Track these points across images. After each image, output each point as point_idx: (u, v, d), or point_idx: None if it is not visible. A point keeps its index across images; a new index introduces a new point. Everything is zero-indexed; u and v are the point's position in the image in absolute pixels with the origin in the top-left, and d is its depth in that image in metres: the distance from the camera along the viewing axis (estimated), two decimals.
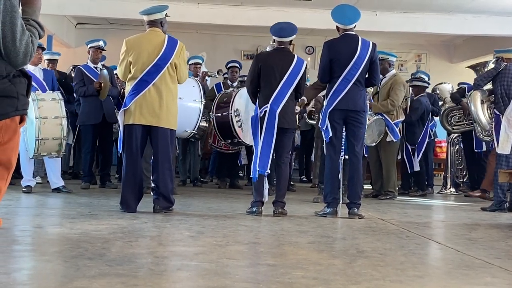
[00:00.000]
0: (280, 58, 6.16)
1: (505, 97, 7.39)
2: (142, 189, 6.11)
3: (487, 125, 8.04)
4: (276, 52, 6.26)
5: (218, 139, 8.93)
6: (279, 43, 6.25)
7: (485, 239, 5.09)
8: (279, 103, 6.05)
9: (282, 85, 6.07)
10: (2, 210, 5.57)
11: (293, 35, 6.24)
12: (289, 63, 6.12)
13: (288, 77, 6.09)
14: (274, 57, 6.20)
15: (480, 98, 7.93)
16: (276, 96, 6.06)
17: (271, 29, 6.28)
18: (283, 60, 6.14)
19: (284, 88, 6.08)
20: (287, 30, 6.23)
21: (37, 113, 6.92)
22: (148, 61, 5.87)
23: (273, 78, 6.09)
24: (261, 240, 4.67)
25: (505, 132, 7.14)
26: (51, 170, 7.64)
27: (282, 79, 6.08)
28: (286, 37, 6.22)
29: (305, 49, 15.25)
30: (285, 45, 6.26)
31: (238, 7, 12.13)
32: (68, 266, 3.35)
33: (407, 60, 15.72)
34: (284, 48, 6.26)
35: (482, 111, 7.92)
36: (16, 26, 2.11)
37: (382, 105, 8.41)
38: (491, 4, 11.47)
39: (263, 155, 6.00)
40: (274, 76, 6.09)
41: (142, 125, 5.88)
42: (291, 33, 6.22)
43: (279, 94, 6.06)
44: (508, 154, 7.14)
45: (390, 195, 8.54)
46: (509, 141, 7.15)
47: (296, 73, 6.12)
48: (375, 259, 3.87)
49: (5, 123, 2.16)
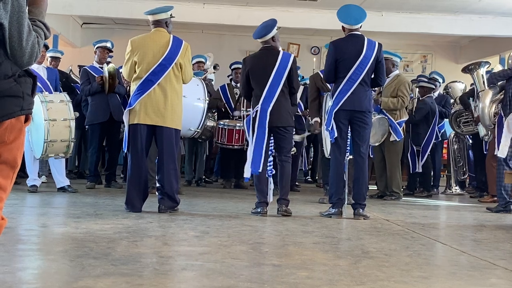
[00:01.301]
0: (265, 57, 6.17)
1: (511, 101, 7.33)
2: (147, 189, 6.12)
3: (489, 125, 8.00)
4: (261, 53, 6.26)
5: (220, 135, 8.87)
6: (263, 43, 6.26)
7: (490, 240, 5.07)
8: (270, 102, 6.06)
9: (270, 83, 6.08)
10: (7, 210, 5.58)
11: (272, 30, 6.20)
12: (274, 60, 6.13)
13: (274, 75, 6.09)
14: (260, 58, 6.22)
15: (490, 97, 7.87)
16: (265, 95, 6.07)
17: (253, 34, 6.30)
18: (268, 59, 6.15)
19: (272, 86, 6.09)
20: (265, 28, 6.22)
21: (46, 115, 6.94)
22: (153, 61, 5.88)
23: (262, 79, 6.11)
24: (266, 240, 4.67)
25: (505, 136, 7.15)
26: (56, 169, 7.65)
27: (269, 77, 6.09)
28: (266, 36, 6.20)
29: (311, 49, 15.24)
30: (269, 43, 6.24)
31: (243, 7, 12.14)
32: (73, 265, 3.35)
33: (413, 61, 15.69)
34: (269, 47, 6.25)
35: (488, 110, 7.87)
36: (23, 26, 2.12)
37: (392, 102, 8.38)
38: (497, 4, 11.44)
39: (255, 154, 6.01)
40: (262, 76, 6.11)
41: (147, 124, 5.89)
42: (269, 30, 6.20)
43: (268, 93, 6.08)
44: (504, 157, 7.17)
45: (395, 196, 8.52)
46: (507, 145, 7.16)
47: (282, 69, 6.12)
48: (380, 260, 3.87)
49: (11, 123, 2.17)
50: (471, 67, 8.47)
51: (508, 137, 7.15)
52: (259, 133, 6.04)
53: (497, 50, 13.78)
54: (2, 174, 2.20)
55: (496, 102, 7.82)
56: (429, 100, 9.39)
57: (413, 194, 9.49)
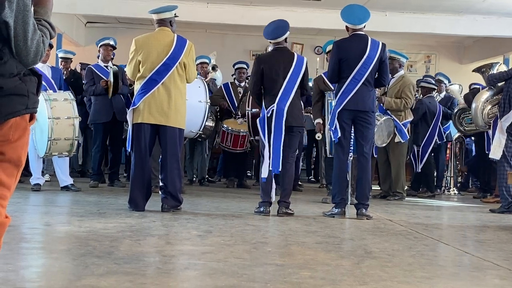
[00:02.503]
0: (281, 57, 6.18)
1: (507, 103, 7.31)
2: (151, 188, 6.12)
3: (483, 125, 8.00)
4: (276, 52, 6.26)
5: (226, 139, 8.95)
6: (275, 44, 6.25)
7: (493, 241, 5.07)
8: (286, 102, 6.06)
9: (287, 83, 6.09)
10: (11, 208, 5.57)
11: (287, 32, 6.23)
12: (291, 61, 6.15)
13: (291, 75, 6.11)
14: (275, 57, 6.21)
15: (486, 97, 7.88)
16: (282, 95, 6.07)
17: (264, 33, 6.28)
18: (284, 59, 6.16)
19: (288, 86, 6.09)
20: (280, 29, 6.23)
21: (50, 113, 6.96)
22: (157, 60, 5.89)
23: (277, 78, 6.11)
24: (268, 240, 4.67)
25: (498, 137, 7.17)
26: (59, 168, 7.66)
27: (286, 78, 6.09)
28: (281, 37, 6.21)
29: (314, 49, 15.23)
30: (282, 44, 6.26)
31: (247, 7, 12.14)
32: (77, 264, 3.36)
33: (416, 61, 15.67)
34: (283, 48, 6.27)
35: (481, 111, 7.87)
36: (28, 25, 2.12)
37: (395, 102, 8.38)
38: (501, 5, 11.42)
39: (275, 154, 6.01)
40: (277, 76, 6.11)
41: (150, 124, 5.90)
42: (284, 31, 6.22)
43: (284, 93, 6.08)
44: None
45: (398, 196, 8.52)
46: (500, 147, 7.17)
47: (298, 70, 6.14)
48: (383, 260, 3.87)
49: (16, 121, 2.17)
50: (483, 69, 8.46)
51: (502, 139, 7.17)
52: (277, 133, 6.02)
53: (501, 50, 13.76)
54: (6, 173, 2.21)
55: (493, 103, 7.82)
56: (427, 100, 9.38)
57: (416, 195, 9.48)
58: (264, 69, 6.15)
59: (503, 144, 7.20)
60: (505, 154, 7.25)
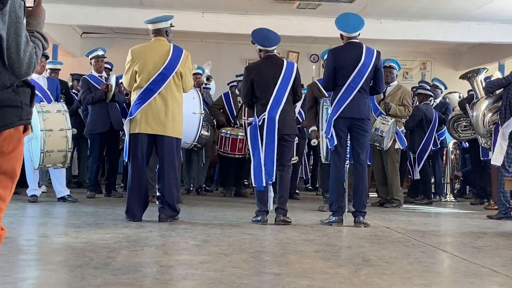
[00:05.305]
0: (270, 65, 6.19)
1: (508, 109, 7.32)
2: (148, 198, 6.12)
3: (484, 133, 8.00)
4: (265, 61, 6.26)
5: (224, 144, 8.94)
6: (265, 51, 6.26)
7: (491, 247, 5.07)
8: (277, 110, 6.06)
9: (277, 91, 6.10)
10: (7, 220, 5.57)
11: (278, 43, 6.29)
12: (280, 68, 6.15)
13: (281, 82, 6.12)
14: (264, 65, 6.22)
15: (486, 105, 7.88)
16: (272, 103, 6.08)
17: (254, 37, 6.25)
18: (273, 67, 6.17)
19: (279, 94, 6.10)
20: (273, 39, 6.27)
21: (43, 125, 6.96)
22: (154, 70, 5.89)
23: (267, 86, 6.12)
24: (266, 248, 4.67)
25: (500, 144, 7.18)
26: (56, 179, 7.65)
27: (276, 85, 6.10)
28: (273, 46, 6.24)
29: (310, 57, 15.25)
30: (273, 52, 6.28)
31: (243, 16, 12.15)
32: (74, 275, 3.35)
33: (412, 68, 15.69)
34: (273, 56, 6.28)
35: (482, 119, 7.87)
36: (21, 37, 2.13)
37: (399, 110, 8.42)
38: (496, 12, 11.45)
39: (268, 163, 6.00)
40: (267, 84, 6.12)
41: (147, 134, 5.90)
42: (276, 41, 6.27)
43: (275, 101, 6.08)
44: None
45: (395, 203, 8.51)
46: (502, 153, 7.18)
47: (288, 77, 6.15)
48: (381, 268, 3.86)
49: (9, 133, 2.17)
50: (469, 75, 8.47)
51: (504, 146, 7.18)
52: (269, 141, 6.02)
53: (496, 57, 13.78)
54: (1, 185, 2.20)
55: (493, 110, 7.83)
56: (424, 107, 9.40)
57: (414, 202, 9.48)
58: (253, 79, 6.17)
59: (505, 150, 7.21)
60: (504, 161, 7.25)
